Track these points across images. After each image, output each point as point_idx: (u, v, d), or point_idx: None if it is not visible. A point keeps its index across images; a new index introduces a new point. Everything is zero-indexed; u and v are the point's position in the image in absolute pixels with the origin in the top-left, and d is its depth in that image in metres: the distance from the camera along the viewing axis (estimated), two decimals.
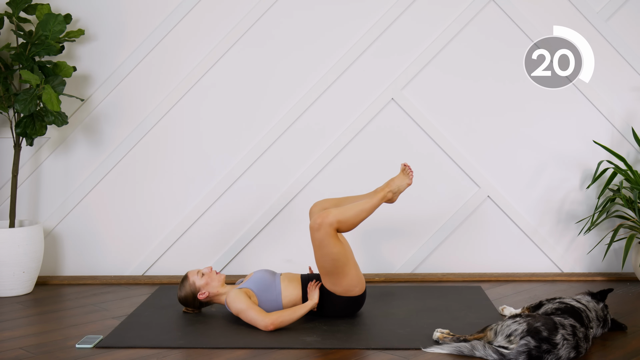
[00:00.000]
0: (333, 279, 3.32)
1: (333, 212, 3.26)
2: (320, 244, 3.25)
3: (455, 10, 4.21)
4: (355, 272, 3.34)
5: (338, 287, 3.33)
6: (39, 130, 3.94)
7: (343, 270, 3.29)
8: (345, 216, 3.27)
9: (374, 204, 3.36)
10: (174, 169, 4.27)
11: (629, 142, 4.25)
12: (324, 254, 3.26)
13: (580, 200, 4.26)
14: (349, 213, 3.29)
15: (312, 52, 4.22)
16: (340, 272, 3.30)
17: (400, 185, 3.45)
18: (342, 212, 3.28)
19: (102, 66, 4.22)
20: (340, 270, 3.29)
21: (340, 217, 3.26)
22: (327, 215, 3.24)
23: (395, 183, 3.45)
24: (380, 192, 3.43)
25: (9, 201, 4.16)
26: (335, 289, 3.34)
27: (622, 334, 3.18)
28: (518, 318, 2.88)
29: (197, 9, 4.20)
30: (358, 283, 3.36)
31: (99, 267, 4.29)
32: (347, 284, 3.33)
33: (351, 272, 3.32)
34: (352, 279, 3.33)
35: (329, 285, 3.34)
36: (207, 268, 3.48)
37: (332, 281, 3.32)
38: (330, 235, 3.23)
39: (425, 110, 4.23)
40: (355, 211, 3.31)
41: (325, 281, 3.34)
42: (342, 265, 3.28)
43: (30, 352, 3.00)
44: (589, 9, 4.20)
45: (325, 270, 3.31)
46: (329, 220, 3.23)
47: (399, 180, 3.46)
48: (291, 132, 4.24)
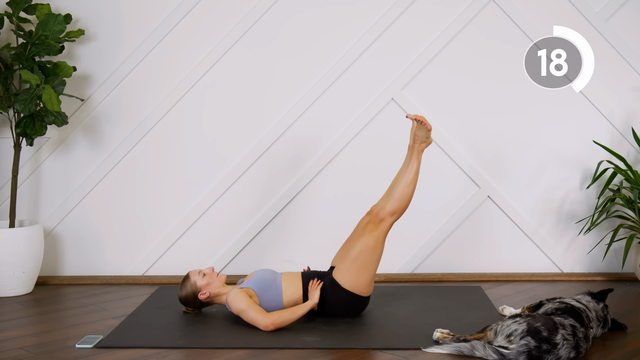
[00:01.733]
0: (351, 268, 3.33)
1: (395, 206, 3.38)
2: (370, 234, 3.35)
3: (455, 10, 4.21)
4: (373, 274, 3.38)
5: (350, 276, 3.34)
6: (39, 130, 3.94)
7: (367, 265, 3.34)
8: (403, 205, 3.41)
9: (415, 168, 3.41)
10: (174, 169, 4.27)
11: (629, 142, 4.25)
12: (366, 246, 3.35)
13: (580, 200, 4.26)
14: (404, 199, 3.40)
15: (312, 52, 4.22)
16: (362, 265, 3.33)
17: (422, 136, 3.41)
18: (398, 202, 3.39)
19: (102, 66, 4.23)
20: (364, 262, 3.34)
21: (398, 208, 3.39)
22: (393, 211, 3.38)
23: (418, 135, 3.40)
24: (414, 150, 3.41)
25: (9, 201, 4.16)
26: (346, 280, 3.34)
27: (622, 334, 3.18)
28: (518, 318, 2.88)
29: (197, 9, 4.20)
30: (369, 285, 3.38)
31: (99, 267, 4.29)
32: (361, 281, 3.34)
33: (370, 272, 3.36)
34: (367, 279, 3.36)
35: (342, 274, 3.35)
36: (208, 268, 3.48)
37: (348, 270, 3.34)
38: (384, 232, 3.38)
39: (425, 110, 4.23)
40: (408, 191, 3.40)
41: (342, 270, 3.35)
42: (370, 261, 3.35)
43: (30, 352, 3.00)
44: (589, 9, 4.20)
45: (348, 257, 3.35)
46: (393, 219, 3.39)
47: (418, 131, 3.40)
48: (291, 132, 4.24)
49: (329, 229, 4.22)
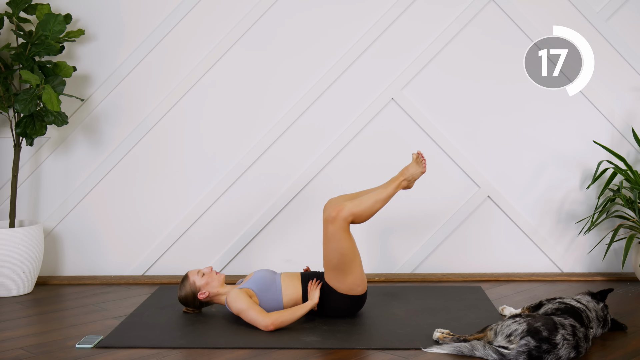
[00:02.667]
0: (337, 275, 3.32)
1: (348, 206, 3.28)
2: (332, 236, 3.27)
3: (455, 10, 4.21)
4: (360, 271, 3.36)
5: (341, 284, 3.33)
6: (39, 130, 3.94)
7: (349, 266, 3.31)
8: (360, 208, 3.30)
9: (389, 193, 3.38)
10: (174, 169, 4.27)
11: (629, 142, 4.25)
12: (333, 247, 3.28)
13: (580, 200, 4.26)
14: (363, 205, 3.31)
15: (312, 52, 4.22)
16: (346, 269, 3.31)
17: (415, 173, 3.46)
18: (357, 205, 3.30)
19: (102, 66, 4.23)
20: (346, 266, 3.30)
21: (354, 209, 3.28)
22: (342, 208, 3.27)
23: (410, 171, 3.45)
24: (395, 181, 3.43)
25: (9, 201, 4.16)
26: (338, 285, 3.34)
27: (622, 334, 3.18)
28: (518, 318, 2.88)
29: (197, 9, 4.20)
30: (361, 282, 3.37)
31: (99, 267, 4.29)
32: (350, 282, 3.33)
33: (356, 270, 3.33)
34: (356, 278, 3.34)
35: (333, 281, 3.34)
36: (207, 268, 3.48)
37: (336, 277, 3.33)
38: (343, 229, 3.26)
39: (425, 110, 4.24)
40: (370, 202, 3.33)
41: (329, 277, 3.35)
42: (349, 261, 3.30)
43: (30, 352, 3.00)
44: (589, 9, 4.20)
45: (331, 265, 3.32)
46: (344, 214, 3.26)
47: (412, 168, 3.46)
48: (291, 132, 4.24)
49: None
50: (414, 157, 3.49)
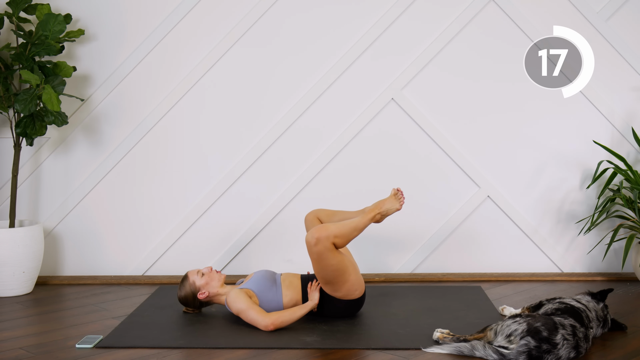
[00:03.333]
0: (333, 287, 3.33)
1: (331, 228, 3.25)
2: (319, 257, 3.24)
3: (455, 10, 4.21)
4: (355, 276, 3.35)
5: (338, 292, 3.34)
6: (39, 130, 3.93)
7: (343, 277, 3.30)
8: (342, 232, 3.27)
9: (364, 223, 3.36)
10: (174, 169, 4.27)
11: (629, 142, 4.25)
12: (323, 266, 3.26)
13: (580, 200, 4.26)
14: (345, 230, 3.28)
15: (312, 52, 4.22)
16: (340, 280, 3.31)
17: (390, 209, 3.43)
18: (339, 229, 3.27)
19: (102, 66, 4.22)
20: (340, 279, 3.30)
21: (337, 232, 3.25)
22: (325, 230, 3.23)
23: (385, 206, 3.43)
24: (370, 213, 3.40)
25: (9, 201, 4.16)
26: (335, 294, 3.35)
27: (622, 334, 3.18)
28: (518, 318, 2.88)
29: (197, 9, 4.20)
30: (358, 287, 3.37)
31: (99, 267, 4.29)
32: (347, 289, 3.34)
33: (351, 278, 3.33)
34: (353, 284, 3.34)
35: (329, 291, 3.35)
36: (207, 268, 3.48)
37: (332, 289, 3.34)
38: (328, 249, 3.23)
39: (425, 110, 4.23)
40: (351, 228, 3.31)
41: (326, 288, 3.35)
42: (342, 273, 3.29)
43: (30, 352, 3.00)
44: (589, 9, 4.20)
45: (325, 280, 3.32)
46: (326, 235, 3.22)
47: (389, 203, 3.43)
48: (291, 132, 4.24)
49: None
50: (392, 193, 3.46)
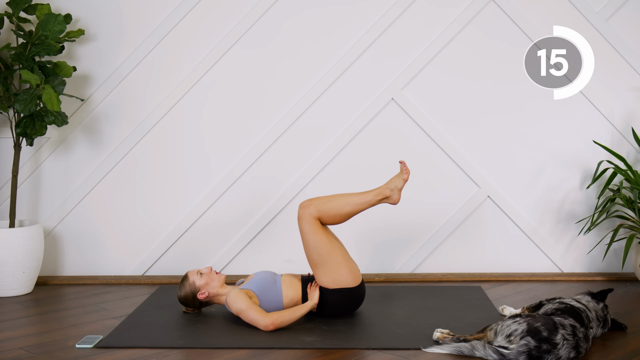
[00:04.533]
0: (321, 270, 3.35)
1: (314, 202, 3.33)
2: (303, 234, 3.33)
3: (455, 10, 4.21)
4: (341, 261, 3.35)
5: (327, 278, 3.34)
6: (39, 130, 3.94)
7: (328, 259, 3.32)
8: (327, 206, 3.30)
9: (365, 199, 3.36)
10: (174, 169, 4.27)
11: (629, 142, 4.25)
12: (306, 243, 3.34)
13: (580, 200, 4.26)
14: (332, 204, 3.32)
15: (312, 52, 4.22)
16: (326, 262, 3.33)
17: (397, 183, 3.43)
18: (324, 202, 3.33)
19: (102, 66, 4.23)
20: (324, 259, 3.32)
21: (321, 207, 3.30)
22: (309, 204, 3.32)
23: (393, 181, 3.44)
24: (376, 189, 3.41)
25: (9, 201, 4.16)
26: (325, 281, 3.35)
27: (622, 334, 3.18)
28: (518, 318, 2.88)
29: (197, 9, 4.20)
30: (348, 274, 3.36)
31: (99, 267, 4.29)
32: (336, 275, 3.33)
33: (336, 261, 3.33)
34: (340, 269, 3.34)
35: (320, 278, 3.36)
36: (206, 268, 3.48)
37: (320, 272, 3.35)
38: (309, 224, 3.29)
39: (425, 110, 4.24)
40: (341, 203, 3.33)
41: (316, 275, 3.37)
42: (327, 254, 3.32)
43: (30, 352, 3.00)
44: (589, 9, 4.20)
45: (313, 263, 3.36)
46: (309, 210, 3.30)
47: (395, 178, 3.45)
48: (291, 132, 4.24)
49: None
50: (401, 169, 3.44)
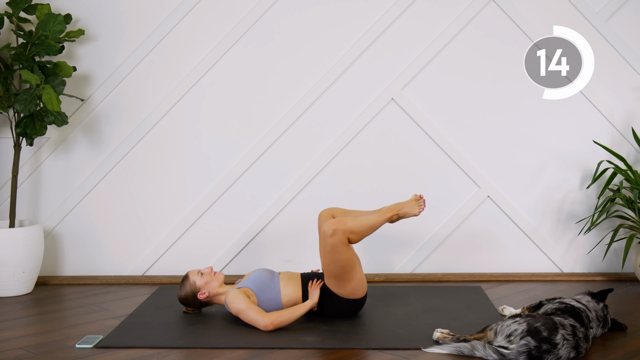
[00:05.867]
0: (339, 283, 3.34)
1: (349, 222, 3.27)
2: (332, 249, 3.26)
3: (455, 10, 4.21)
4: (360, 276, 3.36)
5: (342, 290, 3.35)
6: (39, 130, 3.94)
7: (350, 275, 3.32)
8: (358, 229, 3.30)
9: (380, 222, 3.38)
10: (174, 168, 4.27)
11: (629, 142, 4.25)
12: (334, 259, 3.28)
13: (580, 200, 4.26)
14: (362, 226, 3.31)
15: (312, 51, 4.22)
16: (347, 277, 3.32)
17: (408, 212, 3.44)
18: (356, 224, 3.29)
19: (102, 66, 4.23)
20: (347, 275, 3.31)
21: (354, 228, 3.28)
22: (344, 223, 3.26)
23: (404, 209, 3.43)
24: (388, 213, 3.41)
25: (9, 201, 4.16)
26: (339, 291, 3.35)
27: (622, 334, 3.18)
28: (518, 318, 2.88)
29: (197, 9, 4.20)
30: (362, 287, 3.38)
31: (99, 267, 4.29)
32: (351, 288, 3.35)
33: (357, 277, 3.34)
34: (357, 284, 3.35)
35: (334, 287, 3.35)
36: (207, 268, 3.48)
37: (337, 284, 3.34)
38: (343, 243, 3.26)
39: (425, 110, 4.23)
40: (368, 226, 3.33)
41: (330, 284, 3.36)
42: (350, 270, 3.31)
43: (30, 352, 3.00)
44: (589, 9, 4.20)
45: (332, 274, 3.33)
46: (344, 228, 3.24)
47: (408, 207, 3.44)
48: (291, 132, 4.24)
49: None
50: (414, 198, 3.47)
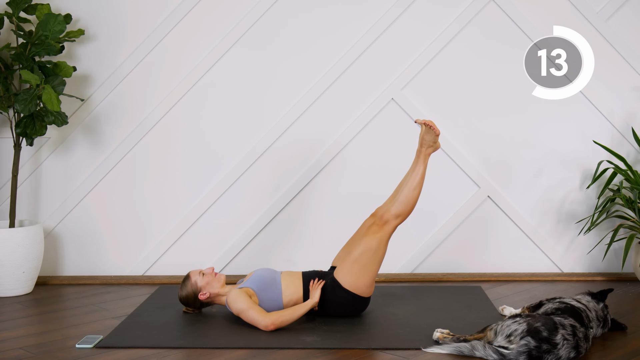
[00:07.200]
0: (351, 267, 3.34)
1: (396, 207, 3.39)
2: (371, 235, 3.36)
3: (455, 10, 4.21)
4: (374, 277, 3.38)
5: (351, 276, 3.35)
6: (39, 130, 3.94)
7: (370, 267, 3.35)
8: (404, 206, 3.40)
9: (422, 171, 3.43)
10: (174, 168, 4.27)
11: (629, 142, 4.25)
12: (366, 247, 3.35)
13: (580, 200, 4.26)
14: (406, 199, 3.40)
15: (312, 52, 4.22)
16: (365, 266, 3.34)
17: (430, 139, 3.43)
18: (401, 203, 3.40)
19: (102, 66, 4.23)
20: (366, 264, 3.34)
21: (402, 210, 3.40)
22: (396, 210, 3.38)
23: (425, 139, 3.43)
24: (420, 154, 3.44)
25: (9, 201, 4.16)
26: (348, 279, 3.34)
27: (622, 334, 3.18)
28: (518, 318, 2.88)
29: (198, 9, 4.20)
30: (370, 286, 3.38)
31: (99, 267, 4.29)
32: (362, 282, 3.35)
33: (372, 271, 3.36)
34: (368, 279, 3.36)
35: (343, 272, 3.35)
36: (208, 268, 3.48)
37: (349, 269, 3.35)
38: (388, 234, 3.38)
39: (425, 110, 4.23)
40: (411, 194, 3.40)
41: (342, 269, 3.36)
42: (373, 263, 3.35)
43: (30, 352, 3.00)
44: (589, 9, 4.20)
45: (351, 258, 3.35)
46: (397, 221, 3.39)
47: (426, 135, 3.43)
48: (291, 132, 4.24)
49: (329, 228, 4.22)
50: (422, 128, 3.45)
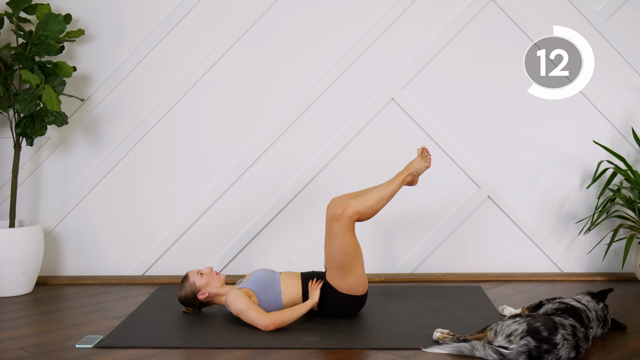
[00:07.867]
0: (339, 274, 3.33)
1: (353, 204, 3.30)
2: (336, 234, 3.29)
3: (455, 10, 4.21)
4: (361, 271, 3.37)
5: (342, 283, 3.34)
6: (39, 130, 3.94)
7: (351, 265, 3.32)
8: (364, 206, 3.32)
9: (393, 189, 3.40)
10: (174, 168, 4.27)
11: (629, 142, 4.25)
12: (337, 245, 3.29)
13: (580, 200, 4.27)
14: (368, 202, 3.33)
15: (312, 51, 4.22)
16: (348, 268, 3.32)
17: (419, 168, 3.46)
18: (362, 203, 3.32)
19: (102, 66, 4.23)
20: (348, 265, 3.31)
21: (359, 208, 3.30)
22: (348, 206, 3.29)
23: (414, 166, 3.46)
24: (400, 176, 3.43)
25: (9, 201, 4.16)
26: (339, 284, 3.34)
27: (622, 334, 3.18)
28: (518, 318, 2.88)
29: (197, 9, 4.20)
30: (362, 283, 3.38)
31: (99, 267, 4.29)
32: (352, 282, 3.34)
33: (358, 270, 3.34)
34: (357, 278, 3.35)
35: (334, 280, 3.35)
36: (207, 268, 3.48)
37: (337, 276, 3.34)
38: (347, 228, 3.28)
39: (425, 110, 4.24)
40: (375, 200, 3.35)
41: (331, 275, 3.35)
42: (352, 260, 3.31)
43: (30, 352, 3.00)
44: (589, 9, 4.20)
45: (333, 263, 3.33)
46: (349, 213, 3.27)
47: (417, 163, 3.46)
48: (291, 132, 4.24)
49: None
50: (419, 152, 3.50)
